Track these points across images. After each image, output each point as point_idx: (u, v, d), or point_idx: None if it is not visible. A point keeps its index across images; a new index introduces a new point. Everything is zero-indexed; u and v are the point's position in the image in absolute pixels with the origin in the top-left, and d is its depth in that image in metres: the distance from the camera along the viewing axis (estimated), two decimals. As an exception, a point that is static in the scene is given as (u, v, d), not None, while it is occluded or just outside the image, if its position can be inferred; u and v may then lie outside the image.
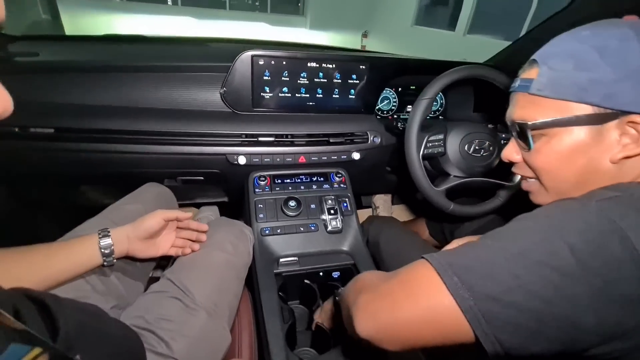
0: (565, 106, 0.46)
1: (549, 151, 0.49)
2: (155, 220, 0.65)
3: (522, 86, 0.51)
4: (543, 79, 0.48)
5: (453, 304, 0.38)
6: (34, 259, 0.55)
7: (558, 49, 0.49)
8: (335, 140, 0.97)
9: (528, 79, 0.50)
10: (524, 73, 0.52)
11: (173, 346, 0.56)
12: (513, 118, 0.53)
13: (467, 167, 0.87)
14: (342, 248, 0.89)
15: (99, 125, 0.81)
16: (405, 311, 0.42)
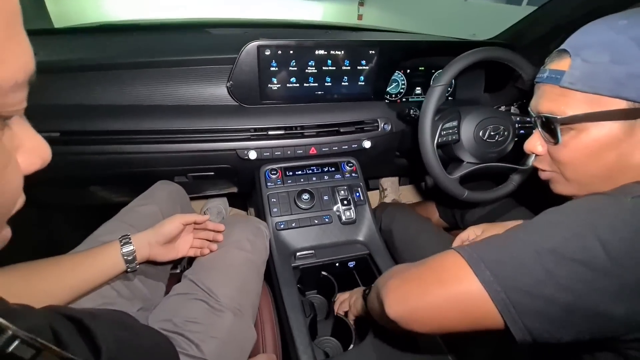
0: (597, 100, 0.44)
1: (578, 146, 0.47)
2: (175, 225, 0.65)
3: (551, 78, 0.49)
4: (576, 72, 0.46)
5: (484, 293, 0.39)
6: (60, 271, 0.55)
7: (592, 39, 0.46)
8: (346, 130, 0.95)
9: (558, 70, 0.48)
10: (553, 63, 0.49)
11: (204, 348, 0.57)
12: (540, 110, 0.51)
13: (481, 153, 0.86)
14: (357, 238, 0.90)
15: (105, 127, 0.79)
16: (435, 296, 0.43)
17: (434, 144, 0.81)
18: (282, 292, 0.74)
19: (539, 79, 0.52)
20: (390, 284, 0.48)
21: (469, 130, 0.84)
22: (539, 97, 0.52)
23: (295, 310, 0.72)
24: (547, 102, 0.50)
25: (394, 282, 0.48)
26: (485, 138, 0.84)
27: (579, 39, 0.48)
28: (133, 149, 0.81)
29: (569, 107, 0.47)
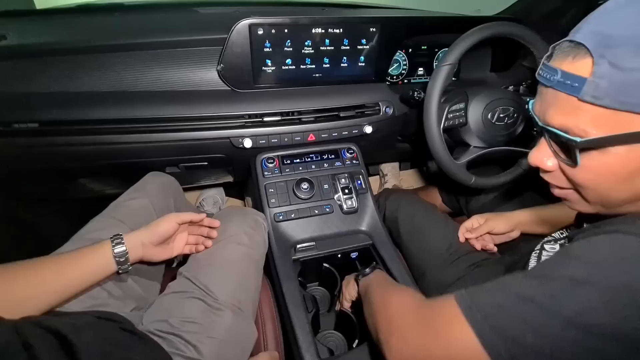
0: (629, 119, 0.33)
1: (601, 170, 0.37)
2: (170, 225, 0.61)
3: (566, 85, 0.36)
4: (602, 83, 0.33)
5: (485, 355, 0.35)
6: (44, 274, 0.51)
7: (624, 32, 0.33)
8: (346, 115, 0.90)
9: (576, 75, 0.35)
10: (566, 61, 0.36)
11: (202, 349, 0.54)
12: (549, 122, 0.39)
13: (489, 137, 0.81)
14: (359, 228, 0.87)
15: (88, 116, 0.73)
16: (435, 350, 0.40)
17: (440, 127, 0.76)
18: (282, 287, 0.71)
19: (546, 80, 0.38)
20: (391, 340, 0.45)
21: (476, 112, 0.79)
22: (547, 105, 0.39)
23: (297, 305, 0.69)
24: (560, 115, 0.37)
25: (394, 339, 0.45)
26: (494, 121, 0.80)
27: (603, 30, 0.34)
28: (119, 139, 0.76)
29: (591, 127, 0.35)
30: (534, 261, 0.54)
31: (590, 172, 0.38)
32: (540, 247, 0.55)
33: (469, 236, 0.80)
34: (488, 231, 0.79)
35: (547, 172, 0.43)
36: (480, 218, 0.81)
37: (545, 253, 0.53)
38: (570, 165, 0.39)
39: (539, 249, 0.56)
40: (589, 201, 0.41)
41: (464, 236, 0.81)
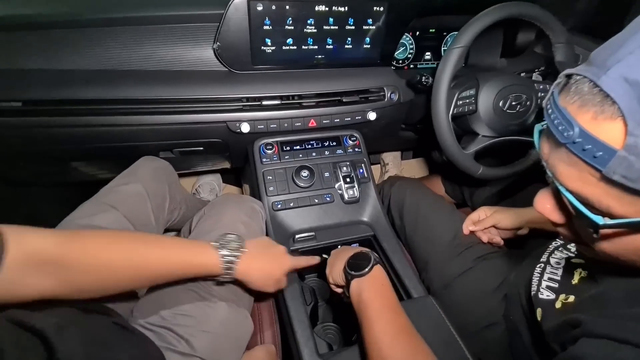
0: None
1: (626, 246, 0.30)
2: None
3: (587, 152, 0.27)
4: (638, 163, 0.24)
5: None
6: (149, 250, 0.48)
7: None
8: (349, 100, 0.85)
9: (600, 142, 0.26)
10: (587, 116, 0.27)
11: (194, 344, 0.52)
12: (562, 183, 0.30)
13: (500, 126, 0.77)
14: (361, 218, 0.83)
15: (74, 95, 0.69)
16: None
17: (448, 115, 0.72)
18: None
19: (558, 133, 0.29)
20: None
21: (487, 99, 0.75)
22: (557, 159, 0.30)
23: (295, 298, 0.66)
24: (576, 181, 0.29)
25: None
26: (506, 108, 0.76)
27: (635, 77, 0.24)
28: (108, 121, 0.71)
29: (617, 205, 0.27)
30: (536, 279, 0.50)
31: (611, 245, 0.31)
32: (545, 261, 0.51)
33: (473, 229, 0.77)
34: (494, 224, 0.76)
35: (557, 225, 0.35)
36: (487, 210, 0.78)
37: (550, 270, 0.49)
38: (588, 234, 0.31)
39: (543, 262, 0.51)
40: (600, 258, 0.34)
41: (467, 228, 0.78)
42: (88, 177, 0.97)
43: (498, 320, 0.65)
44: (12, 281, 0.37)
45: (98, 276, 0.44)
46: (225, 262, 0.52)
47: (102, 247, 0.44)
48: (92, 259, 0.43)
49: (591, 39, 0.89)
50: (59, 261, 0.40)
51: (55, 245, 0.40)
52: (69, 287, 0.41)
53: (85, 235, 0.45)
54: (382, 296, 0.51)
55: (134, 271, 0.46)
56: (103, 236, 0.47)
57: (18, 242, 0.37)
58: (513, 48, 1.00)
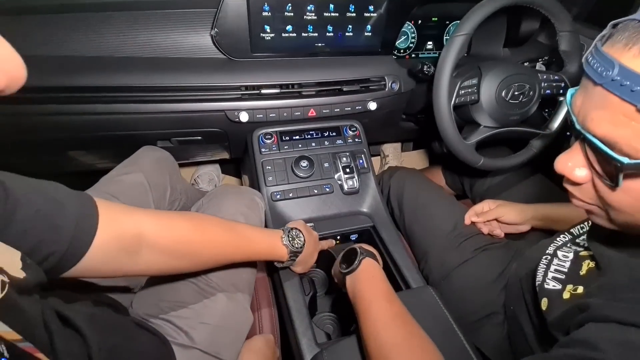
0: None
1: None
2: None
3: (623, 88, 0.27)
4: None
5: None
6: (235, 233, 0.54)
7: None
8: (349, 89, 0.84)
9: (638, 75, 0.27)
10: (629, 54, 0.28)
11: (194, 336, 0.51)
12: (591, 130, 0.31)
13: (501, 116, 0.76)
14: (360, 209, 0.83)
15: (68, 82, 0.67)
16: None
17: (450, 105, 0.71)
18: (279, 270, 0.68)
19: (596, 75, 0.30)
20: None
21: (490, 89, 0.74)
22: (591, 105, 0.31)
23: (294, 288, 0.66)
24: (606, 123, 0.29)
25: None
26: (508, 98, 0.74)
27: None
28: (103, 109, 0.70)
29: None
30: (542, 270, 0.50)
31: (630, 196, 0.31)
32: (552, 253, 0.51)
33: (476, 219, 0.77)
34: (497, 217, 0.75)
35: (576, 187, 0.36)
36: (492, 203, 0.77)
37: (557, 262, 0.49)
38: (608, 185, 0.32)
39: (550, 255, 0.51)
40: (615, 222, 0.35)
41: (470, 219, 0.78)
42: (86, 167, 0.96)
43: (497, 310, 0.65)
44: (103, 261, 0.38)
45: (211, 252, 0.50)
46: (290, 258, 0.60)
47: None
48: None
49: (596, 28, 0.88)
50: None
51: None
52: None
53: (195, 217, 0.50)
54: (374, 286, 0.52)
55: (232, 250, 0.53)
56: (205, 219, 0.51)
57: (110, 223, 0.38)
58: (516, 37, 0.99)
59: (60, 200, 0.34)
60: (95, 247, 0.36)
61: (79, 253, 0.35)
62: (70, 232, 0.34)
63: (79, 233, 0.35)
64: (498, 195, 0.91)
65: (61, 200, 0.35)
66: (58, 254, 0.33)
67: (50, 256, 0.32)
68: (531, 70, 0.77)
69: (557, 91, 0.79)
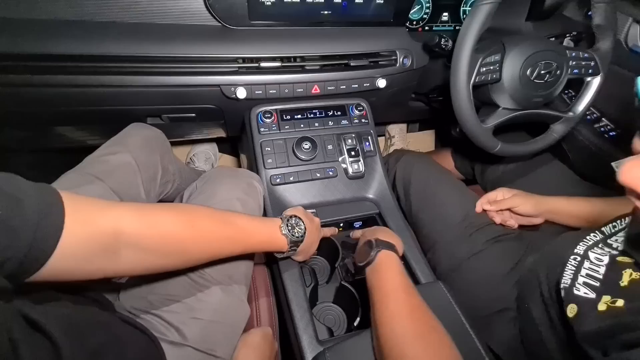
0: None
1: None
2: None
3: None
4: None
5: None
6: (229, 225, 0.48)
7: None
8: (357, 64, 0.77)
9: None
10: None
11: (185, 332, 0.48)
12: None
13: (524, 97, 0.70)
14: (366, 195, 0.78)
15: (45, 49, 0.60)
16: None
17: (470, 83, 0.64)
18: (278, 259, 0.64)
19: None
20: None
21: (514, 67, 0.67)
22: None
23: (294, 279, 0.62)
24: None
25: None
26: (533, 78, 0.67)
27: None
28: (84, 81, 0.63)
29: None
30: (570, 272, 0.45)
31: None
32: (582, 254, 0.46)
33: (488, 208, 0.72)
34: (511, 207, 0.70)
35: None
36: (506, 192, 0.72)
37: (588, 265, 0.44)
38: None
39: (580, 255, 0.46)
40: None
41: (482, 206, 0.73)
42: (76, 143, 0.89)
43: (509, 306, 0.61)
44: (75, 264, 0.34)
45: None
46: (291, 248, 0.56)
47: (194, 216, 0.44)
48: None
49: (632, 3, 0.79)
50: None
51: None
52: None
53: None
54: (391, 279, 0.48)
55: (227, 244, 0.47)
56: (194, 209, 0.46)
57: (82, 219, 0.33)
58: (541, 9, 0.90)
59: (16, 196, 0.29)
60: (61, 249, 0.31)
61: (41, 257, 0.30)
62: (29, 234, 0.28)
63: (41, 235, 0.29)
64: (511, 183, 0.86)
65: (17, 195, 0.29)
66: (15, 260, 0.28)
67: (6, 262, 0.27)
68: (560, 47, 0.70)
69: (586, 71, 0.71)
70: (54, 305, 0.37)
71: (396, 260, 0.52)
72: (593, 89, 0.73)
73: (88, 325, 0.38)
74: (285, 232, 0.54)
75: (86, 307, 0.42)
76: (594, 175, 0.85)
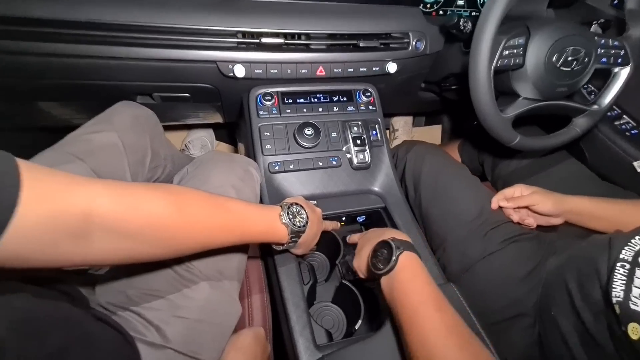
0: None
1: None
2: None
3: None
4: None
5: None
6: (225, 212, 0.42)
7: None
8: (367, 45, 0.71)
9: None
10: None
11: (167, 332, 0.42)
12: None
13: (547, 86, 0.64)
14: (371, 187, 0.72)
15: (22, 12, 0.54)
16: None
17: (491, 67, 0.58)
18: (274, 254, 0.58)
19: None
20: None
21: (539, 52, 0.61)
22: None
23: (291, 276, 0.57)
24: None
25: None
26: (559, 65, 0.62)
27: None
28: (65, 50, 0.57)
29: None
30: (620, 282, 0.40)
31: None
32: (632, 261, 0.40)
33: (505, 205, 0.67)
34: (529, 205, 0.65)
35: None
36: (525, 189, 0.67)
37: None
38: None
39: (628, 262, 0.40)
40: None
41: (498, 203, 0.67)
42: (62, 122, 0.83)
43: (526, 312, 0.56)
44: (33, 248, 0.28)
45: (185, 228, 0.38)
46: (292, 239, 0.50)
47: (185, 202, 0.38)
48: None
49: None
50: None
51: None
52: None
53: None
54: (418, 290, 0.42)
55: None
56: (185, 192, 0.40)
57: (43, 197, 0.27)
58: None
59: None
60: (15, 229, 0.25)
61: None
62: None
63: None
64: (524, 180, 0.80)
65: None
66: None
67: None
68: (590, 33, 0.64)
69: (615, 61, 0.66)
70: (10, 299, 0.32)
71: (419, 264, 0.45)
72: (621, 81, 0.67)
73: (50, 322, 0.33)
74: (285, 220, 0.48)
75: (52, 302, 0.36)
76: (612, 175, 0.80)
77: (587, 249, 0.50)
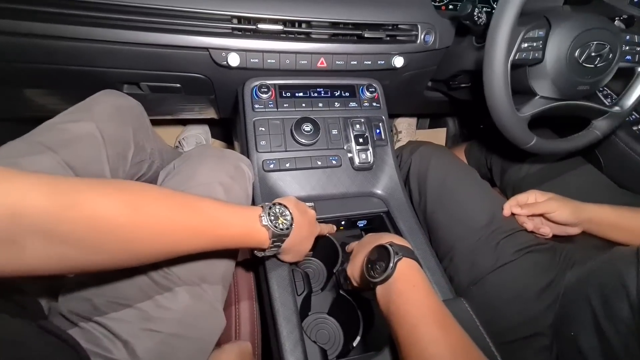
0: None
1: None
2: None
3: None
4: None
5: None
6: (195, 213, 0.37)
7: None
8: (372, 36, 0.66)
9: None
10: None
11: (136, 348, 0.36)
12: None
13: (568, 84, 0.59)
14: (373, 190, 0.67)
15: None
16: None
17: (508, 60, 0.53)
18: (264, 258, 0.53)
19: None
20: None
21: (560, 45, 0.56)
22: None
23: (283, 285, 0.51)
24: None
25: None
26: (582, 60, 0.57)
27: None
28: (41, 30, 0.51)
29: None
30: None
31: None
32: None
33: (519, 212, 0.61)
34: (545, 212, 0.60)
35: None
36: (540, 195, 0.62)
37: None
38: None
39: None
40: None
41: (510, 209, 0.62)
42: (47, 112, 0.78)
43: (542, 331, 0.51)
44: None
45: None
46: (274, 244, 0.44)
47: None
48: None
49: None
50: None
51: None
52: None
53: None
54: (417, 302, 0.37)
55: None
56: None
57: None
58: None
59: None
60: None
61: None
62: None
63: None
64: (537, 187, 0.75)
65: None
66: None
67: None
68: (615, 27, 0.59)
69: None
70: None
71: (420, 272, 0.40)
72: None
73: None
74: (266, 222, 0.43)
75: None
76: (629, 183, 0.75)
77: (611, 262, 0.45)
